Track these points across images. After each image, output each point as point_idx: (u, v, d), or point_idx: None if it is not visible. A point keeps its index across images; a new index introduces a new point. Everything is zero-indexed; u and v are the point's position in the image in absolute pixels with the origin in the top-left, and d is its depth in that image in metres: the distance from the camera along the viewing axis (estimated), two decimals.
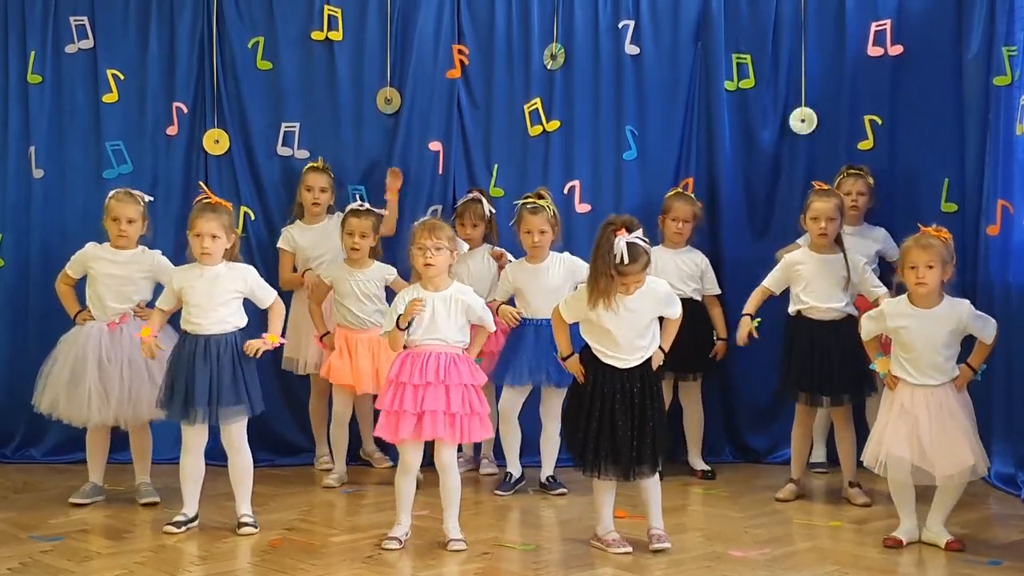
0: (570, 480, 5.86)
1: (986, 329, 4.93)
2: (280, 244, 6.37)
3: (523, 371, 5.80)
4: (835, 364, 5.56)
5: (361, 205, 5.97)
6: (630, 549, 4.82)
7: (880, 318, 5.03)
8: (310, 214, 6.35)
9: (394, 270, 5.97)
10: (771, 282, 5.73)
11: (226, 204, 5.28)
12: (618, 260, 4.57)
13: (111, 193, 5.71)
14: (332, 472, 6.08)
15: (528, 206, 5.82)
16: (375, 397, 5.62)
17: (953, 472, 4.82)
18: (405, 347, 4.91)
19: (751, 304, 5.73)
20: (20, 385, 5.87)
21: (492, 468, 6.25)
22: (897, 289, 5.15)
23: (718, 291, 6.26)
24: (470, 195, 6.29)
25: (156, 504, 5.54)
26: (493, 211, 6.25)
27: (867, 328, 5.12)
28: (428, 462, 5.06)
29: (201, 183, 5.89)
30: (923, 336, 4.88)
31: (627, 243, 4.57)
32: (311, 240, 6.31)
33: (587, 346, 4.83)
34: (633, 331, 4.74)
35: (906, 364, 4.92)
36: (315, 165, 6.40)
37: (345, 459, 6.11)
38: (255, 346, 5.10)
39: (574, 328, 4.90)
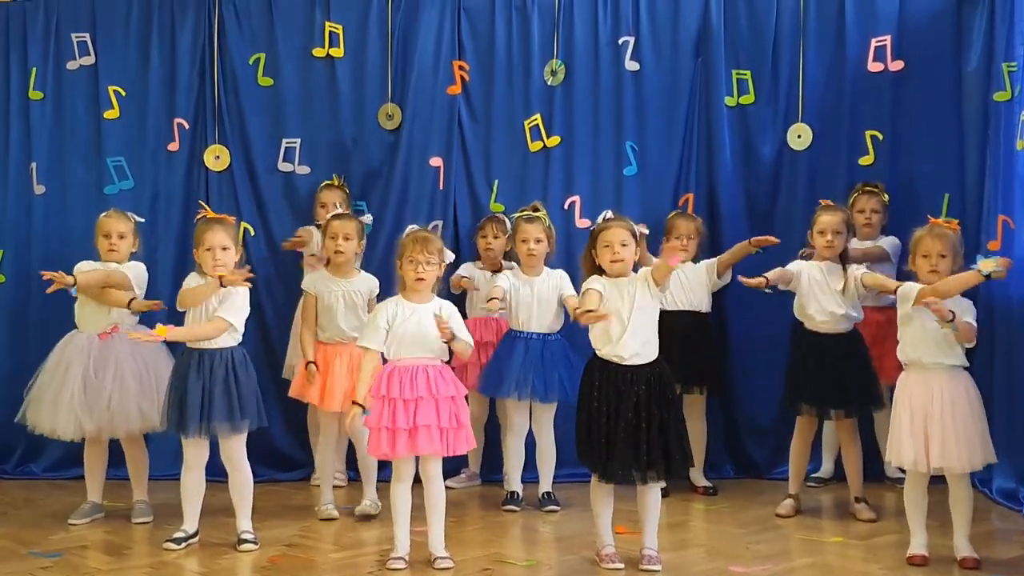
0: (568, 496, 5.86)
1: (969, 312, 4.86)
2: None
3: (510, 384, 5.76)
4: (845, 376, 5.54)
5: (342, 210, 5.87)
6: (622, 566, 4.80)
7: (902, 301, 4.94)
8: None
9: (378, 283, 5.74)
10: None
11: (228, 218, 5.30)
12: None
13: (102, 214, 5.71)
14: (323, 502, 5.71)
15: (524, 216, 5.86)
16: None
17: (963, 469, 4.81)
18: (385, 360, 4.88)
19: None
20: (20, 401, 5.84)
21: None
22: (905, 278, 5.11)
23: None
24: (490, 214, 6.36)
25: (148, 523, 5.53)
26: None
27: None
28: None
29: (201, 202, 5.87)
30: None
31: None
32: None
33: (594, 354, 4.84)
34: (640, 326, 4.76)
35: (919, 345, 4.85)
36: (330, 183, 6.40)
37: (332, 483, 5.81)
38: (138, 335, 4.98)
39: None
